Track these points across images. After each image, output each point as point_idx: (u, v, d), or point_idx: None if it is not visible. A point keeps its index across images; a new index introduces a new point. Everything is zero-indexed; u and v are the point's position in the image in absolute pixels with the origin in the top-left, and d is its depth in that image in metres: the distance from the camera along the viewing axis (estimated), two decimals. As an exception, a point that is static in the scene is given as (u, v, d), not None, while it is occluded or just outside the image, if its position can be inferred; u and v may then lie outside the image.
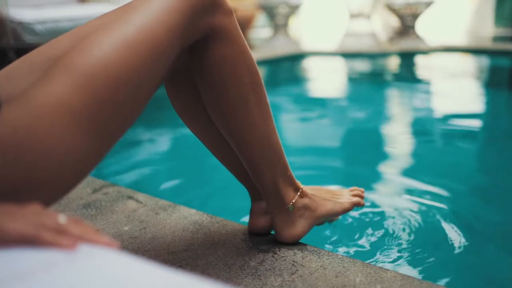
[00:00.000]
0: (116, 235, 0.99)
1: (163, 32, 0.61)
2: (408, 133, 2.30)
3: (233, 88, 0.77)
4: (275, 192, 0.87)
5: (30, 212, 0.44)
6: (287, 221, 0.90)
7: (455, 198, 1.43)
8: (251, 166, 0.85)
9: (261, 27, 6.51)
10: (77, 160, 0.54)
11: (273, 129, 0.84)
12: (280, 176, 0.86)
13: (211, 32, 0.72)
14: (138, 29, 0.59)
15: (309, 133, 2.18)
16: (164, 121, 2.38)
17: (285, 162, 0.87)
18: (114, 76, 0.55)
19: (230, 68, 0.76)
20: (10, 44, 2.95)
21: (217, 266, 0.85)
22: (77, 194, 1.21)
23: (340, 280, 0.79)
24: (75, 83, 0.53)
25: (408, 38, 5.05)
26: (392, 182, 1.57)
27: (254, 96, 0.80)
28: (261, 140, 0.82)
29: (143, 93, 0.60)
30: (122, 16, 0.60)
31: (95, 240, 0.44)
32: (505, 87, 3.41)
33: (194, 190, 1.56)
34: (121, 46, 0.57)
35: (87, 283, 0.36)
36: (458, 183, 1.53)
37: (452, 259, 1.08)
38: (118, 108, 0.57)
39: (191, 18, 0.66)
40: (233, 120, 0.80)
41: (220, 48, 0.74)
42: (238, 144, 0.83)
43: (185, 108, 0.87)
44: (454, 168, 1.67)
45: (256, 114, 0.81)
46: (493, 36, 5.53)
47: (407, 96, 3.19)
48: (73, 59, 0.55)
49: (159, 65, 0.61)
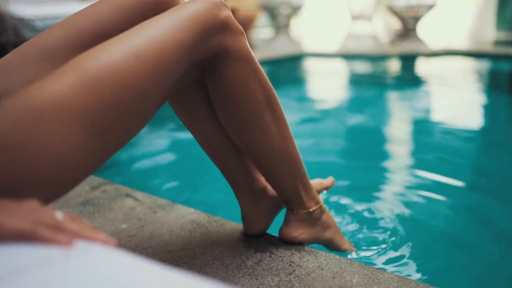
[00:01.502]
0: (113, 233, 0.99)
1: (172, 46, 0.61)
2: (407, 135, 2.30)
3: (247, 106, 0.78)
4: (297, 198, 0.89)
5: (27, 209, 0.44)
6: (301, 222, 0.92)
7: (453, 201, 1.43)
8: (271, 178, 0.87)
9: (262, 27, 6.52)
10: (78, 161, 0.53)
11: (291, 141, 0.85)
12: (301, 186, 0.89)
13: (221, 52, 0.73)
14: (148, 41, 0.59)
15: (308, 134, 2.18)
16: (164, 120, 2.38)
17: (305, 173, 0.89)
18: (120, 82, 0.55)
19: (242, 87, 0.77)
20: (10, 40, 2.95)
21: (214, 265, 0.85)
22: (75, 192, 1.21)
23: (337, 281, 0.79)
24: (81, 85, 0.53)
25: (409, 40, 5.05)
26: (390, 184, 1.57)
27: (269, 112, 0.81)
28: (279, 153, 0.84)
29: (149, 102, 0.60)
30: (135, 30, 0.61)
31: (92, 237, 0.44)
32: (506, 91, 3.42)
33: (192, 189, 1.56)
34: (130, 54, 0.57)
35: (83, 280, 0.36)
36: (456, 186, 1.53)
37: (450, 261, 1.09)
38: (123, 115, 0.57)
39: (201, 36, 0.66)
40: (250, 137, 0.81)
41: (232, 67, 0.75)
42: (257, 159, 0.85)
43: (187, 116, 0.87)
44: (452, 170, 1.67)
45: (272, 129, 0.82)
46: (495, 40, 5.53)
47: (407, 98, 3.19)
48: (82, 61, 0.55)
49: (166, 77, 0.62)
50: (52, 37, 0.67)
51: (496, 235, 1.24)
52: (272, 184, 0.89)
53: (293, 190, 0.88)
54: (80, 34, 0.68)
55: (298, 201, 0.90)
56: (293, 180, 0.87)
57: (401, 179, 1.64)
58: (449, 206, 1.38)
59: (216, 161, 0.91)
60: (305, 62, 4.75)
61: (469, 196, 1.50)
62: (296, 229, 0.91)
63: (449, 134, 2.19)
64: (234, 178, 0.91)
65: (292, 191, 0.88)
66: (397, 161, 1.91)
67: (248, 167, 0.90)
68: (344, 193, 1.39)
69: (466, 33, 6.23)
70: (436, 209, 1.34)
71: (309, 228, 0.92)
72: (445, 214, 1.32)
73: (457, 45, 5.11)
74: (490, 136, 2.26)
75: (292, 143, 0.86)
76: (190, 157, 1.90)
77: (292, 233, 0.91)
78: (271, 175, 0.86)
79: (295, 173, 0.87)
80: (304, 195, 0.89)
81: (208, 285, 0.36)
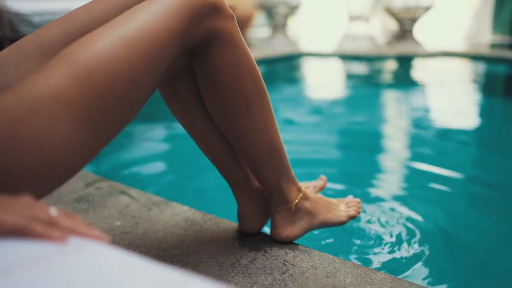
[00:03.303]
0: (108, 229, 0.98)
1: (163, 32, 0.61)
2: (402, 136, 2.30)
3: (235, 92, 0.77)
4: (279, 192, 0.88)
5: (22, 204, 0.44)
6: (288, 220, 0.91)
7: (448, 202, 1.43)
8: (255, 168, 0.86)
9: (259, 26, 6.52)
10: (72, 152, 0.53)
11: (276, 131, 0.85)
12: (283, 177, 0.88)
13: (212, 36, 0.72)
14: (138, 27, 0.59)
15: (303, 133, 2.19)
16: (159, 117, 2.38)
17: (288, 163, 0.89)
18: (113, 71, 0.55)
19: (232, 72, 0.76)
20: (6, 35, 2.94)
21: (208, 263, 0.85)
22: (70, 188, 1.21)
23: (330, 280, 0.80)
24: (74, 75, 0.53)
25: (406, 42, 5.07)
26: (385, 185, 1.57)
27: (257, 99, 0.80)
28: (265, 143, 0.83)
29: (141, 90, 0.60)
30: (125, 16, 0.60)
31: (86, 233, 0.44)
32: (501, 94, 3.43)
33: (187, 187, 1.56)
34: (122, 42, 0.57)
35: (77, 276, 0.36)
36: (451, 188, 1.54)
37: (442, 261, 1.09)
38: (116, 103, 0.57)
39: (191, 20, 0.66)
40: (236, 124, 0.80)
41: (222, 52, 0.74)
42: (243, 148, 0.84)
43: (180, 111, 0.87)
44: (447, 172, 1.68)
45: (259, 117, 0.81)
46: (491, 43, 5.56)
47: (403, 100, 3.20)
48: (73, 52, 0.55)
49: (158, 64, 0.62)
50: (49, 34, 0.67)
51: (491, 238, 1.25)
52: (256, 175, 0.88)
53: (276, 181, 0.87)
54: (78, 31, 0.68)
55: (281, 194, 0.89)
56: (277, 171, 0.86)
57: (395, 179, 1.65)
58: (443, 207, 1.39)
59: (212, 159, 0.91)
60: (302, 62, 4.76)
61: (463, 199, 1.51)
62: (285, 229, 0.91)
63: (443, 136, 2.20)
64: (230, 175, 0.91)
65: (276, 183, 0.87)
66: (392, 161, 1.92)
67: (244, 165, 0.91)
68: (339, 192, 1.39)
69: (462, 35, 6.25)
70: (431, 210, 1.35)
71: (298, 222, 0.92)
72: (439, 215, 1.33)
73: (454, 47, 5.13)
74: (484, 138, 2.27)
75: (277, 133, 0.85)
76: (186, 155, 1.90)
77: (282, 234, 0.91)
78: (256, 165, 0.85)
79: (279, 163, 0.86)
80: (286, 187, 0.89)
81: (202, 283, 0.36)
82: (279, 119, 2.37)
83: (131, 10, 0.62)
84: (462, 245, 1.19)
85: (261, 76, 0.81)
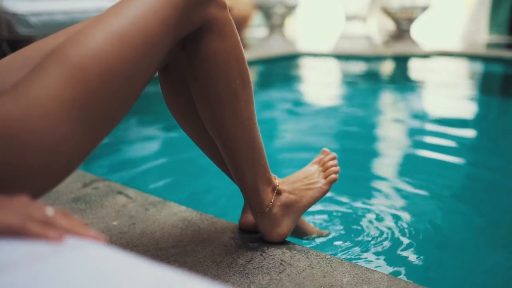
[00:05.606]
0: (105, 229, 0.98)
1: (156, 24, 0.60)
2: (399, 136, 2.31)
3: (222, 82, 0.77)
4: (255, 194, 0.87)
5: (18, 204, 0.44)
6: (271, 222, 0.91)
7: (444, 201, 1.44)
8: (234, 165, 0.85)
9: (257, 26, 6.52)
10: (68, 150, 0.53)
11: (257, 128, 0.84)
12: (260, 177, 0.87)
13: (204, 25, 0.72)
14: (131, 21, 0.58)
15: (300, 133, 2.19)
16: (156, 118, 2.38)
17: (265, 163, 0.88)
18: (106, 67, 0.55)
19: (221, 63, 0.75)
20: (3, 35, 2.93)
21: (205, 263, 0.85)
22: (67, 188, 1.21)
23: (327, 280, 0.80)
24: (67, 75, 0.53)
25: (403, 42, 5.08)
26: (382, 184, 1.57)
27: (243, 93, 0.79)
28: (246, 139, 0.82)
29: (135, 84, 0.60)
30: (116, 9, 0.60)
31: (83, 233, 0.43)
32: (498, 93, 3.44)
33: (185, 187, 1.56)
34: (114, 37, 0.56)
35: (73, 275, 0.36)
36: (447, 186, 1.54)
37: (439, 261, 1.09)
38: (110, 99, 0.56)
39: (184, 10, 0.65)
40: (220, 116, 0.79)
41: (213, 41, 0.74)
42: (224, 142, 0.83)
43: (180, 109, 0.87)
44: (443, 171, 1.68)
45: (243, 112, 0.80)
46: (487, 43, 5.57)
47: (399, 99, 3.21)
48: (66, 50, 0.54)
49: (152, 57, 0.61)
50: (55, 42, 0.66)
51: (488, 236, 1.25)
52: (234, 174, 0.87)
53: (252, 182, 0.86)
54: None
55: (257, 197, 0.87)
56: (255, 170, 0.85)
57: (393, 179, 1.65)
58: (440, 207, 1.39)
59: (211, 157, 0.92)
60: (299, 62, 4.76)
61: (459, 197, 1.51)
62: (272, 231, 0.91)
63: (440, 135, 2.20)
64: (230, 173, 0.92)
65: (252, 183, 0.86)
66: (388, 161, 1.92)
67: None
68: (335, 192, 1.39)
69: (459, 35, 6.27)
70: (428, 210, 1.35)
71: (282, 220, 0.91)
72: (436, 215, 1.33)
73: (450, 47, 5.14)
74: (481, 137, 2.28)
75: (258, 132, 0.85)
76: (183, 155, 1.90)
77: (272, 237, 0.91)
78: (234, 161, 0.84)
79: (257, 162, 0.85)
80: (262, 189, 0.88)
81: (199, 283, 0.36)
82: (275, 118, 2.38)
83: (122, 1, 0.61)
84: (459, 244, 1.19)
85: (249, 71, 0.80)
